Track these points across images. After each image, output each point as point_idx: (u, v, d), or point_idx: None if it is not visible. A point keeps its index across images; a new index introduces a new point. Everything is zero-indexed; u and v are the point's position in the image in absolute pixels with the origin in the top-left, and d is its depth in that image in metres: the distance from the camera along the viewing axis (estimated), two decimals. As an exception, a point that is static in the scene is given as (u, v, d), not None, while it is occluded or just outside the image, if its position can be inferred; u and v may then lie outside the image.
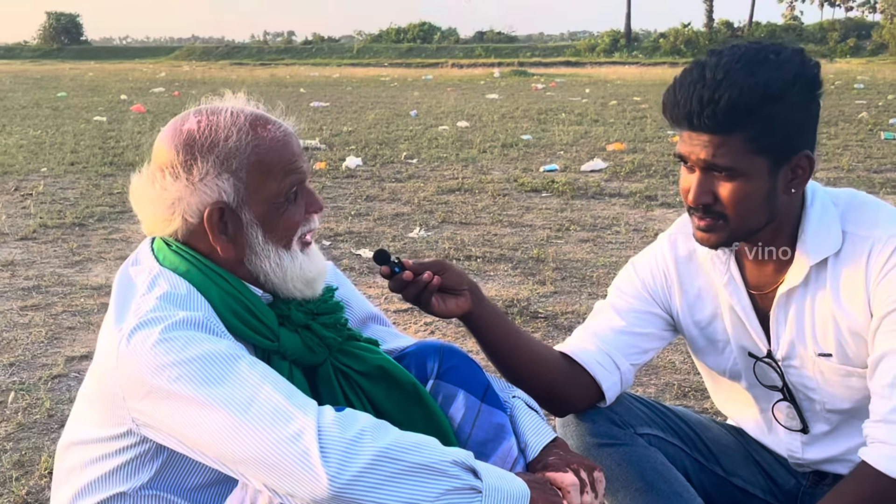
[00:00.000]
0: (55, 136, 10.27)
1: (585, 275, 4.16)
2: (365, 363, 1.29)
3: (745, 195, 1.28)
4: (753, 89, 1.22)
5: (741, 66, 1.23)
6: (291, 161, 1.22)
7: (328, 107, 15.53)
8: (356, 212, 5.79)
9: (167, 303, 1.14)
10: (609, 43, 57.73)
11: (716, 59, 1.26)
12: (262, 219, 1.21)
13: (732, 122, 1.23)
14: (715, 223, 1.32)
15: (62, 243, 4.90)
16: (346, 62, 52.00)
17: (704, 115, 1.23)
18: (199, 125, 1.20)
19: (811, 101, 1.28)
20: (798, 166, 1.29)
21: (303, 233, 1.25)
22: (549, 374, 1.48)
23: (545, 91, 20.85)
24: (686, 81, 1.26)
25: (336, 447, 1.02)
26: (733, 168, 1.26)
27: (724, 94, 1.22)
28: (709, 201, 1.30)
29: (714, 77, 1.23)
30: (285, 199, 1.22)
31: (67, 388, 2.79)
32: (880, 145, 8.96)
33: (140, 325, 1.11)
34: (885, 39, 51.70)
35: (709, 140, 1.26)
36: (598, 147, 9.10)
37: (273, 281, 1.23)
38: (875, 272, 1.29)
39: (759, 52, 1.25)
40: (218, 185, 1.18)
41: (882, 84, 20.75)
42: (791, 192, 1.31)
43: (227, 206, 1.19)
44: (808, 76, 1.26)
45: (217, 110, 1.22)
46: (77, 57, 64.79)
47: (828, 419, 1.45)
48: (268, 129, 1.22)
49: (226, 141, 1.19)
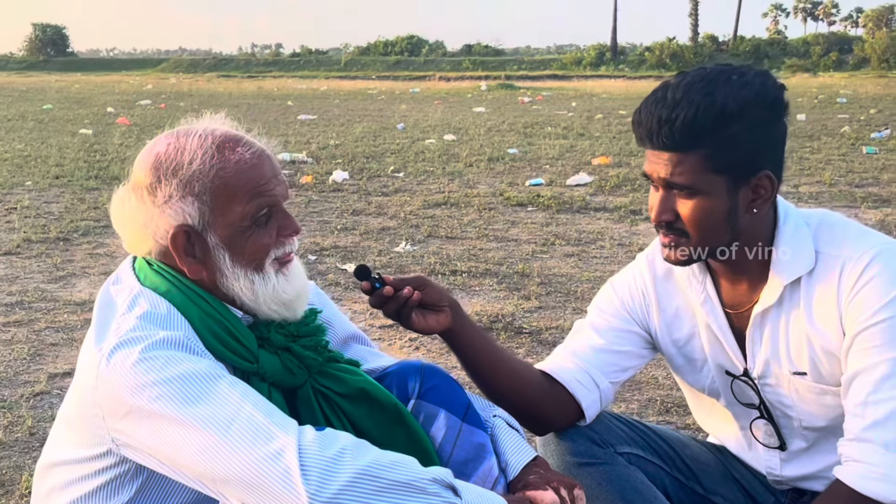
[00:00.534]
0: (40, 150, 10.22)
1: (570, 290, 4.18)
2: (346, 385, 1.30)
3: (704, 213, 1.30)
4: (710, 108, 1.24)
5: (701, 87, 1.25)
6: (259, 184, 1.20)
7: (315, 120, 15.54)
8: (342, 226, 5.79)
9: (147, 322, 1.14)
10: (595, 56, 58.22)
11: (679, 79, 1.29)
12: (228, 242, 1.20)
13: (689, 141, 1.26)
14: (678, 240, 1.34)
15: (46, 258, 4.87)
16: (334, 75, 52.10)
17: (662, 133, 1.26)
18: (167, 147, 1.21)
19: (773, 122, 1.29)
20: (759, 186, 1.31)
21: (276, 256, 1.24)
22: (530, 391, 1.49)
23: (532, 104, 20.97)
24: (650, 101, 1.29)
25: (316, 465, 1.03)
26: (692, 186, 1.28)
27: (680, 113, 1.24)
28: (670, 219, 1.33)
29: (674, 97, 1.26)
30: (252, 222, 1.20)
31: (50, 405, 2.77)
32: (862, 160, 9.06)
33: (120, 344, 1.11)
34: (867, 54, 52.45)
35: (668, 158, 1.28)
36: (584, 161, 9.16)
37: (246, 303, 1.23)
38: (846, 291, 1.30)
39: (722, 73, 1.27)
40: (182, 208, 1.18)
41: (864, 98, 21.03)
42: (753, 212, 1.32)
43: (191, 228, 1.19)
44: (768, 97, 1.27)
45: (188, 132, 1.23)
46: (63, 69, 64.47)
47: (804, 436, 1.47)
48: (236, 151, 1.21)
49: (190, 164, 1.19)
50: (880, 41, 53.52)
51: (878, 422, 1.25)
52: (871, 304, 1.27)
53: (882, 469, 1.23)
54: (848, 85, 29.73)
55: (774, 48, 58.85)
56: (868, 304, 1.28)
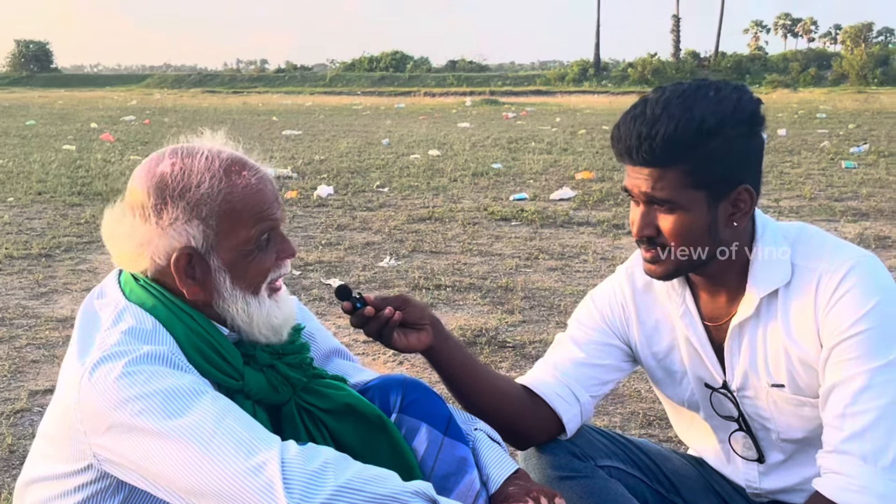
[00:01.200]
0: (23, 165, 10.14)
1: (553, 304, 4.20)
2: (331, 401, 1.30)
3: (685, 228, 1.31)
4: (689, 124, 1.25)
5: (680, 102, 1.27)
6: (263, 209, 1.22)
7: (300, 135, 15.54)
8: (327, 241, 5.79)
9: (132, 337, 1.14)
10: (579, 72, 58.74)
11: (658, 94, 1.30)
12: (231, 265, 1.21)
13: (669, 156, 1.27)
14: (659, 255, 1.36)
15: (28, 274, 4.83)
16: (319, 90, 52.14)
17: (643, 149, 1.27)
18: (173, 168, 1.20)
19: (750, 137, 1.30)
20: (738, 200, 1.32)
21: (272, 279, 1.25)
22: (511, 406, 1.49)
23: (516, 120, 21.10)
24: (628, 117, 1.30)
25: (299, 479, 1.04)
26: (672, 201, 1.30)
27: (660, 128, 1.26)
28: (651, 234, 1.34)
29: (653, 112, 1.27)
30: (255, 246, 1.22)
31: (30, 423, 2.74)
32: (841, 174, 9.18)
33: (103, 358, 1.11)
34: (846, 70, 53.32)
35: (648, 174, 1.30)
36: (567, 176, 9.21)
37: (239, 325, 1.23)
38: (823, 303, 1.32)
39: (699, 89, 1.29)
40: (187, 231, 1.18)
41: (843, 114, 21.31)
42: (733, 226, 1.34)
43: (195, 251, 1.20)
44: (745, 112, 1.28)
45: (193, 152, 1.22)
46: (47, 85, 64.11)
47: (782, 448, 1.48)
48: (242, 175, 1.21)
49: (198, 187, 1.19)
50: (858, 58, 54.48)
51: (856, 434, 1.26)
52: (847, 316, 1.28)
53: (861, 481, 1.24)
54: (827, 100, 30.13)
55: (755, 64, 59.69)
56: (845, 316, 1.29)
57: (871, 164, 10.06)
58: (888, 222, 6.41)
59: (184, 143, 1.26)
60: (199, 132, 1.29)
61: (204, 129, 1.29)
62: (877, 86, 47.66)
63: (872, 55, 56.23)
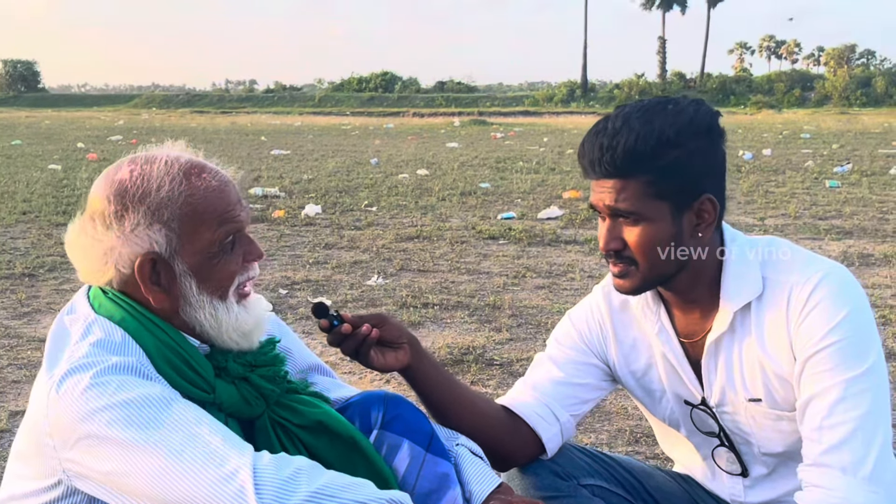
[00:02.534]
0: (7, 185, 10.09)
1: (541, 321, 4.20)
2: (303, 417, 1.29)
3: (650, 239, 1.33)
4: (648, 135, 1.28)
5: (639, 116, 1.30)
6: (226, 210, 1.21)
7: (289, 154, 15.56)
8: (314, 260, 5.78)
9: (100, 349, 1.13)
10: (566, 93, 59.30)
11: (619, 111, 1.34)
12: (196, 269, 1.19)
13: (630, 167, 1.30)
14: (627, 269, 1.37)
15: (10, 294, 4.79)
16: (308, 110, 52.29)
17: (604, 160, 1.30)
18: (132, 174, 1.19)
19: (710, 148, 1.33)
20: (702, 210, 1.34)
21: (240, 282, 1.24)
22: (490, 427, 1.48)
23: (504, 140, 21.22)
24: (591, 133, 1.34)
25: (271, 486, 1.03)
26: (636, 212, 1.32)
27: (621, 139, 1.29)
28: (618, 247, 1.35)
29: (614, 126, 1.30)
30: (220, 248, 1.20)
31: (10, 444, 2.69)
32: (825, 193, 9.28)
33: (71, 370, 1.10)
34: (829, 91, 54.13)
35: (611, 186, 1.32)
36: (555, 195, 9.26)
37: (208, 332, 1.22)
38: (795, 315, 1.32)
39: (659, 104, 1.32)
40: (149, 236, 1.17)
41: (826, 134, 21.58)
42: (698, 236, 1.35)
43: (158, 256, 1.18)
44: (702, 123, 1.31)
45: (152, 159, 1.22)
46: (34, 104, 63.92)
47: (765, 462, 1.48)
48: (202, 177, 1.20)
49: (158, 191, 1.18)
50: (841, 79, 55.34)
51: (834, 446, 1.26)
52: (819, 328, 1.29)
53: (841, 493, 1.24)
54: (811, 121, 30.52)
55: (740, 85, 60.46)
56: (816, 328, 1.29)
57: (854, 183, 10.19)
58: (871, 240, 6.47)
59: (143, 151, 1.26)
60: (160, 140, 1.28)
61: (165, 138, 1.28)
62: (859, 107, 48.39)
63: (855, 77, 57.15)
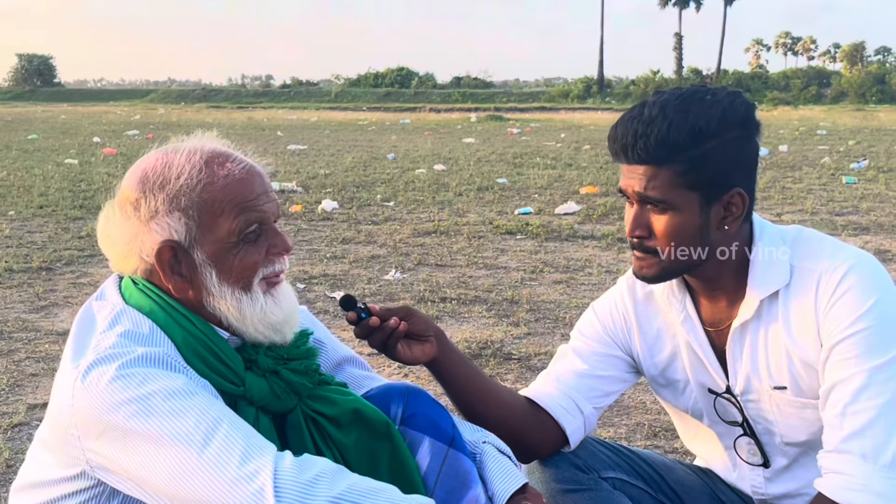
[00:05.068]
0: (24, 179, 10.17)
1: (559, 316, 4.17)
2: (337, 406, 1.26)
3: (676, 229, 1.32)
4: (683, 125, 1.27)
5: (676, 104, 1.29)
6: (248, 199, 1.18)
7: (306, 150, 15.60)
8: (332, 254, 5.77)
9: (127, 340, 1.12)
10: (583, 89, 59.08)
11: (656, 97, 1.32)
12: (216, 259, 1.17)
13: (663, 156, 1.29)
14: (649, 256, 1.36)
15: (28, 288, 4.81)
16: (325, 106, 52.45)
17: (637, 146, 1.29)
18: (155, 163, 1.19)
19: (744, 141, 1.32)
20: (731, 203, 1.33)
21: (265, 274, 1.21)
22: (514, 419, 1.48)
23: (520, 136, 21.16)
24: (626, 118, 1.33)
25: (291, 489, 1.01)
26: (664, 200, 1.31)
27: (655, 128, 1.28)
28: (644, 234, 1.35)
29: (650, 113, 1.29)
30: (240, 238, 1.18)
31: (28, 437, 2.70)
32: (842, 189, 9.20)
33: (97, 361, 1.09)
34: (845, 88, 53.58)
35: (642, 172, 1.31)
36: (572, 190, 9.22)
37: (233, 324, 1.20)
38: (823, 303, 1.32)
39: (696, 93, 1.31)
40: (169, 224, 1.16)
41: (843, 130, 21.37)
42: (724, 229, 1.34)
43: (178, 245, 1.17)
44: (737, 115, 1.30)
45: (178, 149, 1.21)
46: (50, 99, 64.61)
47: (787, 452, 1.47)
48: (225, 166, 1.19)
49: (177, 179, 1.17)
50: (857, 76, 54.78)
51: (856, 432, 1.25)
52: (847, 315, 1.29)
53: (861, 479, 1.23)
54: (827, 118, 30.24)
55: (756, 82, 60.00)
56: (844, 315, 1.29)
57: (870, 179, 10.11)
58: (888, 236, 6.42)
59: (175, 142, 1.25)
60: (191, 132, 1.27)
61: (189, 132, 1.27)
62: (875, 104, 47.91)
63: (870, 74, 56.53)
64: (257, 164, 1.24)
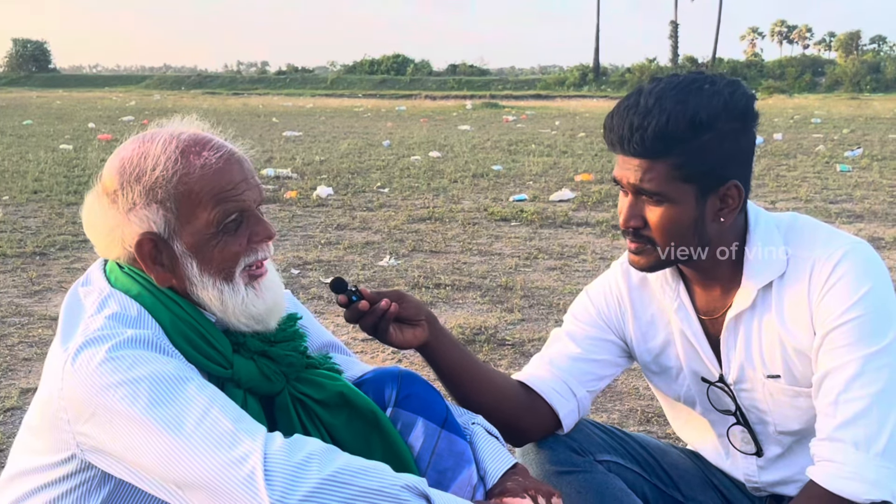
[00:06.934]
0: (18, 164, 10.11)
1: (553, 302, 4.18)
2: (324, 390, 1.27)
3: (671, 221, 1.30)
4: (681, 117, 1.24)
5: (674, 94, 1.26)
6: (225, 189, 1.16)
7: (301, 136, 15.53)
8: (326, 240, 5.76)
9: (116, 322, 1.12)
10: (578, 77, 58.85)
11: (653, 85, 1.29)
12: (196, 250, 1.16)
13: (660, 149, 1.26)
14: (644, 247, 1.35)
15: (21, 272, 4.80)
16: (320, 93, 52.14)
17: (634, 140, 1.27)
18: (132, 153, 1.18)
19: (742, 132, 1.29)
20: (727, 195, 1.31)
21: (247, 264, 1.20)
22: (508, 403, 1.47)
23: (516, 123, 21.10)
24: (622, 107, 1.30)
25: (281, 472, 1.01)
26: (660, 193, 1.29)
27: (652, 120, 1.25)
28: (638, 225, 1.33)
29: (646, 104, 1.26)
30: (219, 229, 1.16)
31: (20, 421, 2.69)
32: (836, 177, 9.21)
33: (86, 343, 1.08)
34: (839, 76, 53.53)
35: (638, 164, 1.29)
36: (567, 178, 9.21)
37: (216, 314, 1.19)
38: (817, 290, 1.31)
39: (694, 82, 1.28)
40: (147, 216, 1.15)
41: (837, 119, 21.34)
42: (720, 221, 1.33)
43: (157, 236, 1.16)
44: (737, 107, 1.27)
45: (155, 136, 1.19)
46: (45, 85, 64.13)
47: (780, 441, 1.47)
48: (202, 155, 1.16)
49: (153, 170, 1.15)
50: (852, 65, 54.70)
51: (848, 421, 1.25)
52: (840, 303, 1.28)
53: (853, 468, 1.23)
54: (822, 106, 30.17)
55: (751, 70, 59.84)
56: (837, 302, 1.28)
57: (864, 167, 10.11)
58: (882, 224, 6.43)
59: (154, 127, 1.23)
60: (169, 116, 1.25)
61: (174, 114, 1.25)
62: (869, 92, 47.85)
63: (865, 62, 56.46)
64: (237, 148, 1.22)
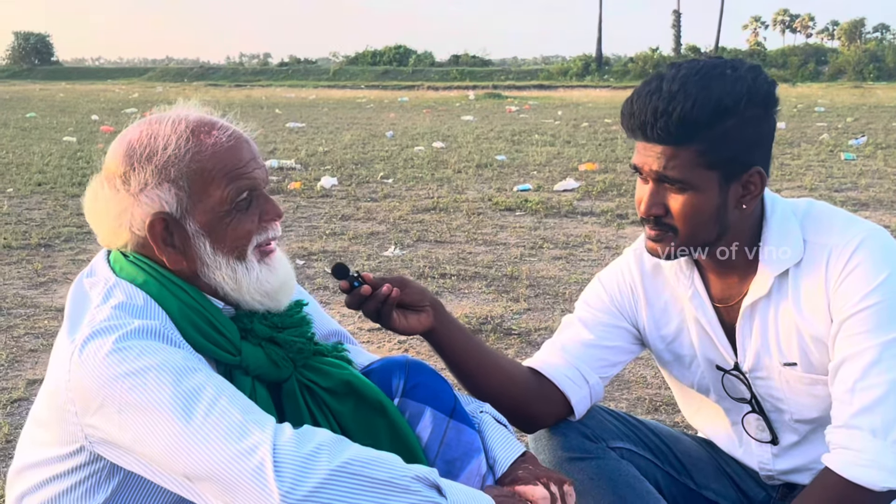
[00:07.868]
0: (22, 157, 10.11)
1: (558, 292, 4.17)
2: (330, 378, 1.26)
3: (694, 208, 1.29)
4: (706, 103, 1.23)
5: (697, 80, 1.24)
6: (237, 167, 1.16)
7: (304, 127, 15.49)
8: (331, 231, 5.75)
9: (122, 312, 1.10)
10: (581, 67, 58.57)
11: (674, 71, 1.27)
12: (209, 229, 1.16)
13: (684, 135, 1.24)
14: (664, 234, 1.33)
15: (27, 264, 4.80)
16: (323, 84, 51.99)
17: (658, 126, 1.24)
18: (140, 135, 1.18)
19: (764, 118, 1.28)
20: (749, 182, 1.30)
21: (259, 242, 1.20)
22: (517, 389, 1.46)
23: (519, 113, 21.03)
24: (643, 92, 1.27)
25: (290, 463, 1.00)
26: (684, 181, 1.27)
27: (677, 106, 1.23)
28: (660, 213, 1.31)
29: (670, 89, 1.24)
30: (232, 207, 1.16)
31: (27, 412, 2.69)
32: (840, 165, 9.18)
33: (93, 334, 1.07)
34: (843, 65, 53.20)
35: (661, 151, 1.27)
36: (571, 167, 9.18)
37: (229, 293, 1.18)
38: (834, 277, 1.30)
39: (716, 67, 1.26)
40: (159, 196, 1.15)
41: (841, 108, 21.24)
42: (742, 208, 1.32)
43: (169, 216, 1.15)
44: (760, 92, 1.26)
45: (161, 118, 1.19)
46: (48, 77, 64.11)
47: (796, 429, 1.45)
48: (212, 134, 1.17)
49: (164, 150, 1.15)
50: (854, 53, 54.36)
51: (865, 408, 1.24)
52: (857, 290, 1.27)
53: (870, 455, 1.22)
54: (825, 95, 30.02)
55: (754, 59, 59.31)
56: (854, 290, 1.27)
57: (869, 155, 10.07)
58: (887, 212, 6.41)
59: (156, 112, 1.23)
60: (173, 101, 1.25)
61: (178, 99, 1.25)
62: (872, 81, 47.60)
63: (868, 51, 56.11)
64: (243, 131, 1.22)
